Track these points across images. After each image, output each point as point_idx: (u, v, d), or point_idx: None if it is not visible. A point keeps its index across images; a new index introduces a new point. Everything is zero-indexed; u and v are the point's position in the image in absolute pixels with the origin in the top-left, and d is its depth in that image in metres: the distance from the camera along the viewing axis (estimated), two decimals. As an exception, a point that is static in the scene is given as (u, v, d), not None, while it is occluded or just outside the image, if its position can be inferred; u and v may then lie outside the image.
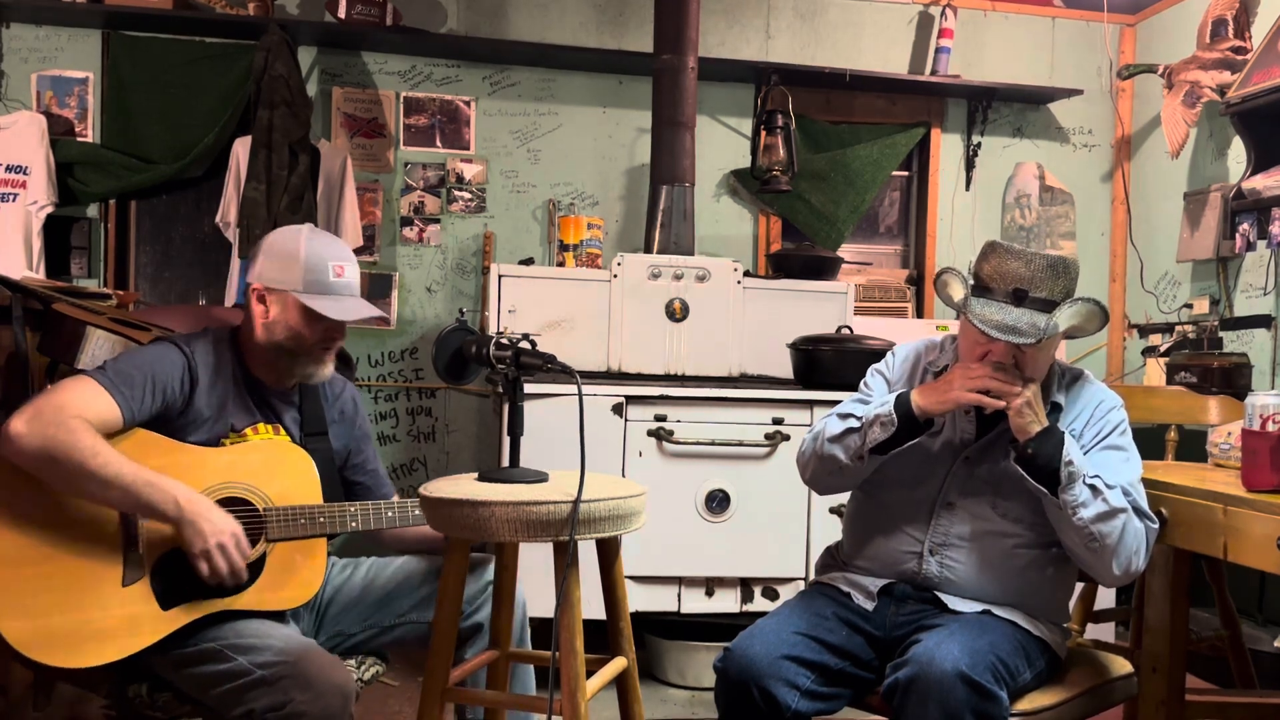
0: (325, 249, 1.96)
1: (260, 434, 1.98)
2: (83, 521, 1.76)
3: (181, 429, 1.89)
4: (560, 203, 4.18)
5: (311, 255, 1.93)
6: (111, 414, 1.77)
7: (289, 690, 1.72)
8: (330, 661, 1.80)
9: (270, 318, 1.94)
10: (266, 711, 1.73)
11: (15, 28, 3.83)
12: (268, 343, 1.96)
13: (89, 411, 1.73)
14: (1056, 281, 1.82)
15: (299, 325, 1.94)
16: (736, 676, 1.80)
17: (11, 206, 3.65)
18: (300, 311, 1.93)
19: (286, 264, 1.93)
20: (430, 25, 4.06)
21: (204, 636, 1.82)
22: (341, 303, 1.95)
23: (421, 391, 4.12)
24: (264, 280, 1.94)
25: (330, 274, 1.95)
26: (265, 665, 1.75)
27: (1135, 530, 1.80)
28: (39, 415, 1.70)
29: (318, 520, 1.94)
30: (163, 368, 1.87)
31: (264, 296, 1.94)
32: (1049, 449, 1.78)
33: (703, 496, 3.19)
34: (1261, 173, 3.59)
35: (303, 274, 1.92)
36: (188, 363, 1.90)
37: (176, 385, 1.88)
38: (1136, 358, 4.33)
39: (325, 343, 1.98)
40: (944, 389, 1.86)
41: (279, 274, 1.93)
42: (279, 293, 1.93)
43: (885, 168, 4.35)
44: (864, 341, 3.31)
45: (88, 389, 1.76)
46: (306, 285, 1.92)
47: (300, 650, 1.79)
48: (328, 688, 1.74)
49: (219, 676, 1.78)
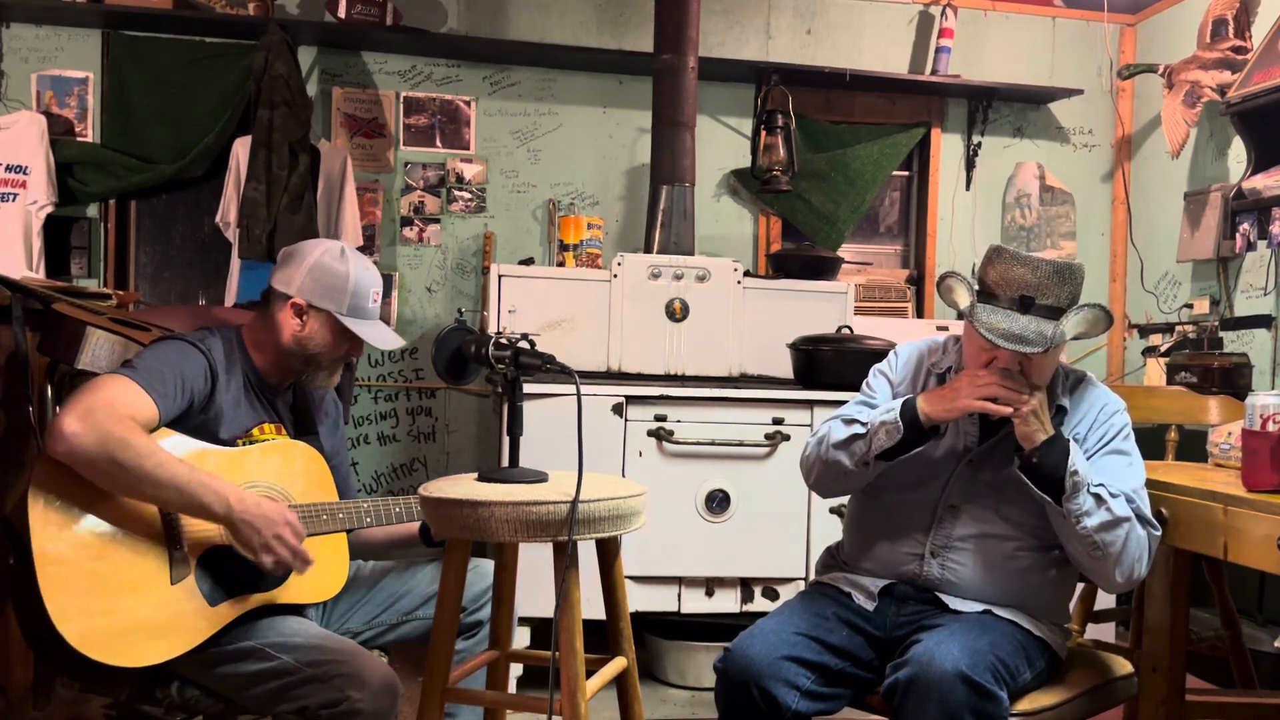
0: (367, 274, 2.03)
1: (266, 433, 2.01)
2: (128, 520, 1.77)
3: (201, 426, 1.90)
4: (560, 203, 4.18)
5: (359, 281, 2.00)
6: (150, 413, 1.77)
7: (344, 688, 1.76)
8: (378, 660, 1.85)
9: (306, 332, 1.99)
10: (321, 708, 1.76)
11: (15, 28, 3.83)
12: (294, 351, 2.00)
13: (134, 411, 1.74)
14: (1063, 288, 1.81)
15: (334, 343, 2.01)
16: (737, 677, 1.80)
17: (11, 206, 3.65)
18: (339, 332, 2.00)
19: (334, 286, 1.98)
20: (430, 25, 4.06)
21: (239, 635, 1.84)
22: (376, 329, 2.05)
23: (421, 391, 4.12)
24: (307, 297, 1.98)
25: (369, 300, 2.03)
26: (314, 663, 1.79)
27: (1138, 538, 1.80)
28: (91, 414, 1.69)
29: (337, 516, 1.98)
30: (189, 367, 1.88)
31: (304, 312, 1.99)
32: (1054, 458, 1.78)
33: (703, 496, 3.19)
34: (1262, 173, 3.59)
35: (350, 299, 1.99)
36: (208, 361, 1.92)
37: (200, 383, 1.89)
38: (1137, 358, 4.33)
39: (347, 357, 2.06)
40: (951, 396, 1.85)
41: (325, 294, 1.98)
42: (322, 312, 1.99)
43: (885, 168, 4.35)
44: (864, 341, 3.31)
45: (128, 388, 1.76)
46: (351, 309, 2.00)
47: (350, 649, 1.84)
48: (381, 687, 1.78)
49: (262, 675, 1.81)
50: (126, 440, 1.69)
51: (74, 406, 1.70)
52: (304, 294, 1.98)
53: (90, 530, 1.73)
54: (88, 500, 1.74)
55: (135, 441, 1.70)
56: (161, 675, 1.86)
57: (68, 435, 1.67)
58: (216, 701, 1.91)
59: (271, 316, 2.01)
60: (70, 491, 1.72)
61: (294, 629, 1.87)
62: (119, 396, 1.74)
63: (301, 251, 2.02)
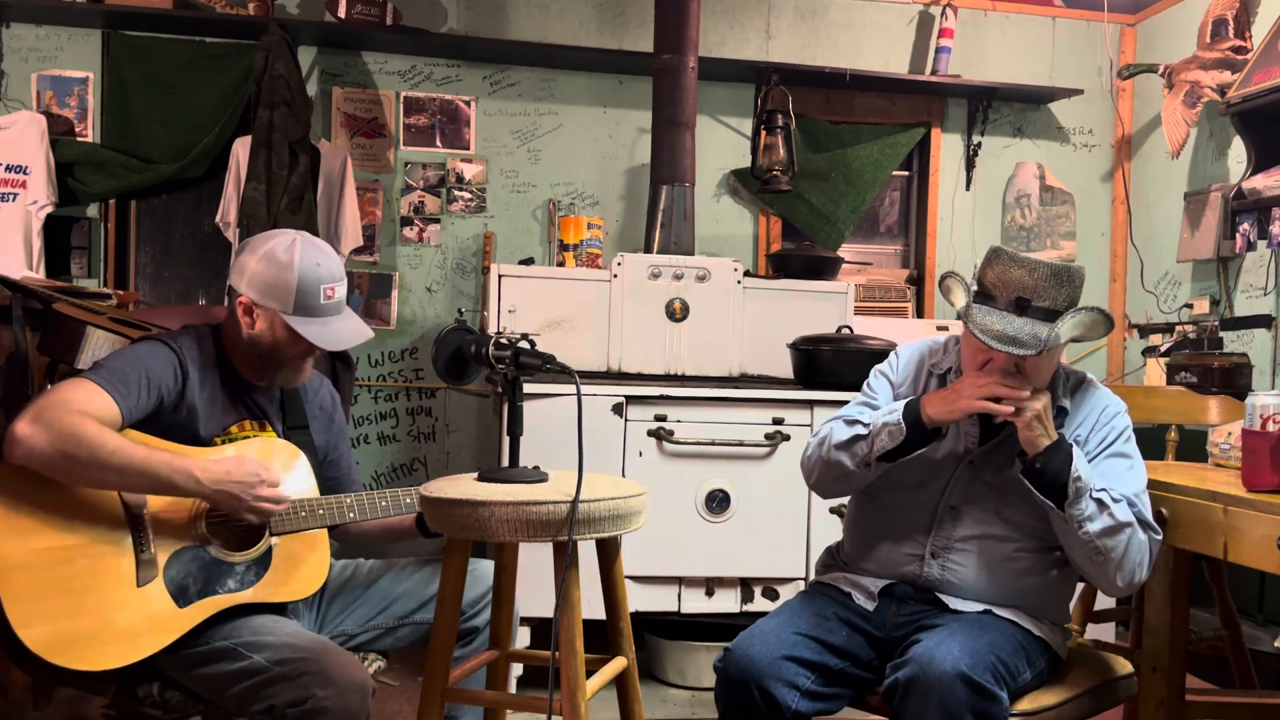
0: (317, 270, 1.92)
1: (246, 430, 1.98)
2: (93, 525, 1.76)
3: (174, 426, 1.88)
4: (560, 203, 4.18)
5: (305, 278, 1.90)
6: (111, 413, 1.76)
7: (310, 686, 1.73)
8: (349, 658, 1.81)
9: (255, 330, 1.94)
10: (288, 707, 1.74)
11: (15, 28, 3.83)
12: (251, 348, 1.97)
13: (90, 409, 1.73)
14: (1060, 290, 1.81)
15: (283, 342, 1.94)
16: (737, 677, 1.80)
17: (11, 206, 3.65)
18: (286, 331, 1.92)
19: (277, 283, 1.90)
20: (430, 25, 4.06)
21: (214, 635, 1.83)
22: (329, 326, 1.94)
23: (421, 391, 4.12)
24: (252, 295, 1.92)
25: (320, 297, 1.93)
26: (283, 661, 1.76)
27: (1139, 543, 1.80)
28: (42, 414, 1.69)
29: (317, 513, 1.96)
30: (155, 365, 1.86)
31: (251, 310, 1.93)
32: (1057, 463, 1.78)
33: (703, 496, 3.19)
34: (1261, 173, 3.59)
35: (294, 296, 1.90)
36: (178, 359, 1.90)
37: (170, 381, 1.87)
38: (1137, 358, 4.33)
39: (309, 354, 1.99)
40: (953, 397, 1.85)
41: (269, 292, 1.90)
42: (267, 310, 1.92)
43: (885, 168, 4.35)
44: (864, 341, 3.31)
45: (85, 388, 1.76)
46: (296, 308, 1.91)
47: (319, 647, 1.80)
48: (348, 684, 1.75)
49: (235, 675, 1.79)
50: (77, 434, 1.68)
51: (27, 410, 1.70)
52: (250, 292, 1.92)
53: (52, 536, 1.72)
54: (50, 505, 1.73)
55: (87, 433, 1.69)
56: (141, 676, 1.85)
57: (20, 439, 1.67)
58: (197, 703, 1.89)
59: (232, 315, 1.97)
60: (32, 497, 1.72)
61: (267, 628, 1.84)
62: (73, 395, 1.73)
63: (252, 245, 1.96)
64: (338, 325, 1.96)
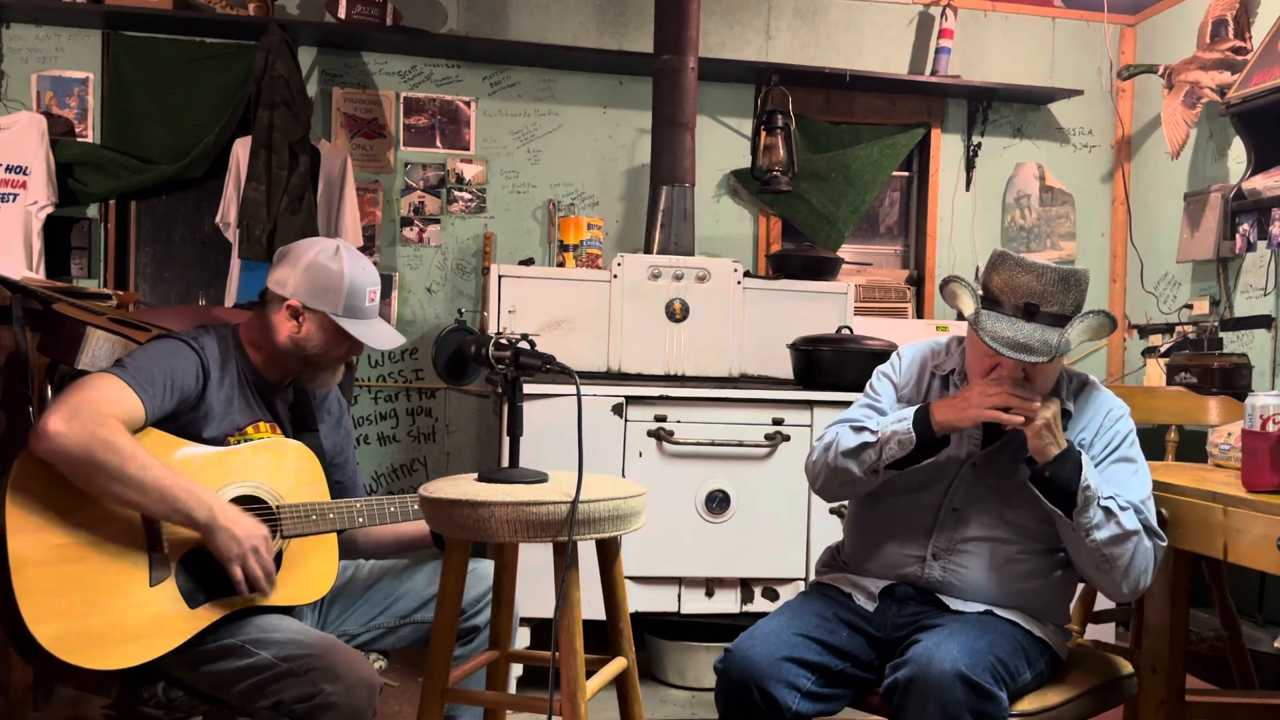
0: (363, 274, 2.01)
1: (261, 431, 2.00)
2: (107, 522, 1.76)
3: (192, 424, 1.89)
4: (560, 203, 4.18)
5: (354, 281, 1.98)
6: (138, 412, 1.77)
7: (318, 681, 1.75)
8: (356, 655, 1.83)
9: (303, 334, 1.98)
10: (295, 702, 1.75)
11: (15, 28, 3.83)
12: (292, 352, 1.99)
13: (120, 410, 1.73)
14: (1068, 295, 1.80)
15: (332, 344, 2.00)
16: (737, 677, 1.80)
17: (11, 207, 3.65)
18: (335, 332, 1.98)
19: (329, 286, 1.96)
20: (430, 25, 4.06)
21: (222, 634, 1.83)
22: (374, 328, 2.02)
23: (421, 392, 4.12)
24: (302, 298, 1.97)
25: (365, 299, 2.01)
26: (290, 658, 1.78)
27: (1145, 551, 1.80)
28: (77, 414, 1.68)
29: (328, 516, 1.97)
30: (179, 364, 1.87)
31: (299, 313, 1.97)
32: (1067, 472, 1.78)
33: (703, 497, 3.19)
34: (1261, 173, 3.59)
35: (344, 299, 1.97)
36: (200, 359, 1.92)
37: (191, 381, 1.89)
38: (1137, 358, 4.33)
39: (347, 357, 2.05)
40: (962, 405, 1.84)
41: (321, 295, 1.97)
42: (317, 313, 1.97)
43: (885, 168, 4.35)
44: (864, 342, 3.31)
45: (115, 387, 1.76)
46: (346, 310, 1.98)
47: (327, 644, 1.82)
48: (356, 680, 1.77)
49: (241, 672, 1.79)
50: (110, 442, 1.68)
51: (61, 405, 1.70)
52: (299, 295, 1.97)
53: (68, 532, 1.72)
54: (67, 502, 1.73)
55: (120, 444, 1.69)
56: (147, 675, 1.86)
57: (52, 434, 1.66)
58: (201, 701, 1.89)
59: (267, 318, 2.00)
60: (49, 493, 1.71)
61: (274, 625, 1.85)
62: (106, 395, 1.73)
63: (296, 251, 2.01)
64: (380, 328, 2.04)
